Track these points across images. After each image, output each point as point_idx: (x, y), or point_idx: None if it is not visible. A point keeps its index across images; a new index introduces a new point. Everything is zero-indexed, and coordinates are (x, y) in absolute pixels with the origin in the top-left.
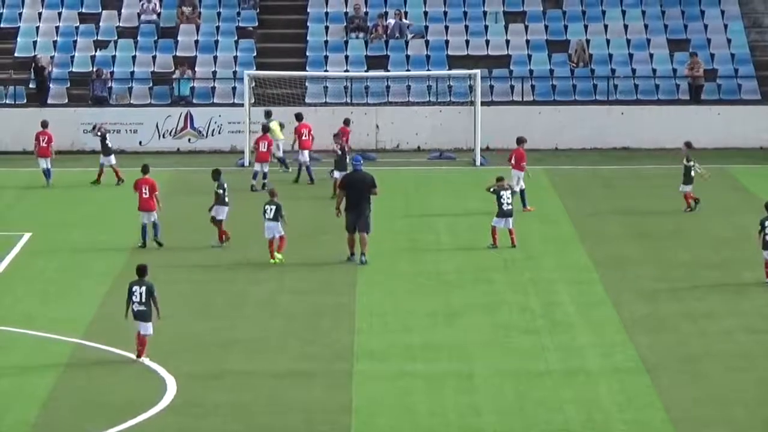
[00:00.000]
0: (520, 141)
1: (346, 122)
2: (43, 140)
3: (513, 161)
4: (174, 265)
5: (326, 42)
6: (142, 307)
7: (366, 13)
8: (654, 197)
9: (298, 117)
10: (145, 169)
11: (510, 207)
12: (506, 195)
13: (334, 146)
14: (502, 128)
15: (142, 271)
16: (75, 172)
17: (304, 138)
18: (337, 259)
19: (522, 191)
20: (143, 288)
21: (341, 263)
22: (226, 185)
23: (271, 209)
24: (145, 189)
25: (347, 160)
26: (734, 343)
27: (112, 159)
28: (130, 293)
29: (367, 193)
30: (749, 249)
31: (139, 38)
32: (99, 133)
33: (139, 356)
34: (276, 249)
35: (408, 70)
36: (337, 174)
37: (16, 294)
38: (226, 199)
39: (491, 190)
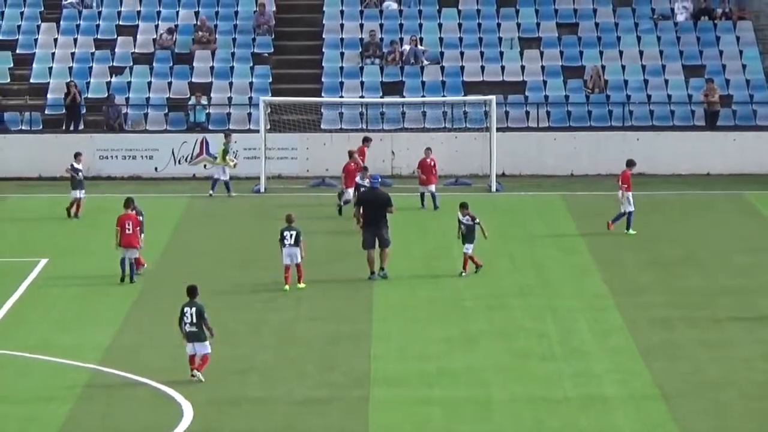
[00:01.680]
0: (630, 164)
1: (428, 152)
2: None
3: (621, 183)
4: None
5: (341, 68)
6: (194, 329)
7: (381, 39)
8: (670, 223)
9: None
10: (127, 204)
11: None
12: (465, 220)
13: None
14: (517, 154)
15: (192, 292)
16: (91, 198)
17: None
18: (354, 286)
19: (630, 213)
20: (194, 309)
21: (358, 289)
22: (143, 212)
23: (291, 235)
24: (129, 225)
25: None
26: (753, 371)
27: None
28: (182, 315)
29: (383, 211)
30: (766, 276)
31: (154, 64)
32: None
33: (198, 370)
34: (297, 279)
35: (423, 96)
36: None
37: (32, 320)
38: (143, 227)
39: (464, 220)
